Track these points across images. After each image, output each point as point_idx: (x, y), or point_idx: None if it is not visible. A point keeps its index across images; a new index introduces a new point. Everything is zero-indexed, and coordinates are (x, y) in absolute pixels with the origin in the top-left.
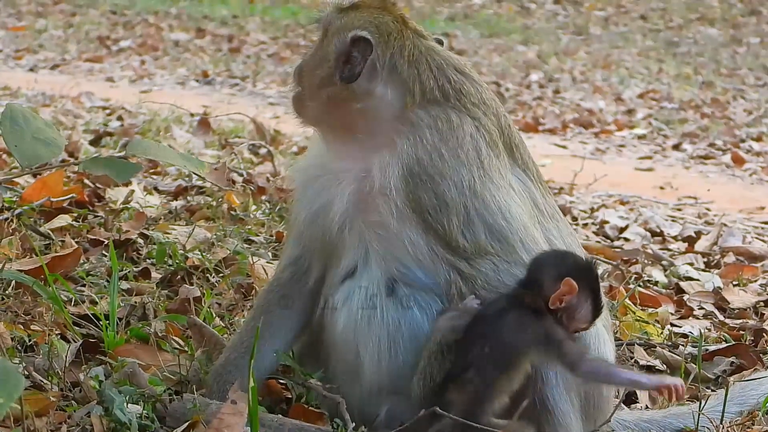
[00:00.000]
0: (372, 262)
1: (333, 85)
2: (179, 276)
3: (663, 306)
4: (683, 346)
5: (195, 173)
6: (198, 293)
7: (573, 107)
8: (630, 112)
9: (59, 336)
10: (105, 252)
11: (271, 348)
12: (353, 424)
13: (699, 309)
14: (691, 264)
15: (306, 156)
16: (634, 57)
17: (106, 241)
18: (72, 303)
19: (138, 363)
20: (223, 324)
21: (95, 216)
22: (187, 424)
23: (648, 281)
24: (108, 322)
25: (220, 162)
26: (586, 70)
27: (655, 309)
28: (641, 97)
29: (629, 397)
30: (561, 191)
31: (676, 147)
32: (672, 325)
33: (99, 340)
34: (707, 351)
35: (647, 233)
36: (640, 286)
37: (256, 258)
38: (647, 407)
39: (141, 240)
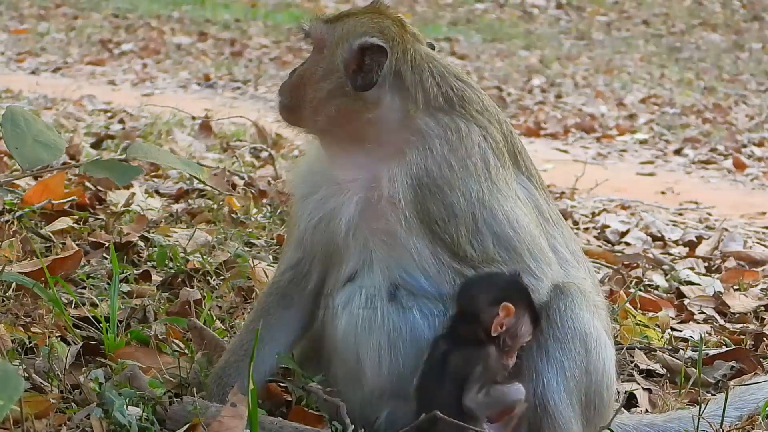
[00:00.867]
0: (375, 267)
1: (344, 96)
2: (180, 279)
3: (663, 310)
4: (683, 350)
5: (195, 178)
6: (198, 296)
7: (575, 112)
8: (632, 117)
9: (59, 338)
10: (106, 254)
11: (271, 351)
12: (353, 427)
13: (699, 313)
14: (692, 268)
15: (305, 161)
16: (636, 62)
17: (106, 244)
18: (72, 305)
19: (138, 365)
20: (224, 327)
21: (96, 219)
22: (187, 426)
23: (649, 285)
24: (108, 324)
25: (220, 166)
26: (588, 75)
27: (656, 313)
28: (643, 102)
29: (629, 402)
30: (562, 196)
31: (677, 152)
32: (672, 330)
33: (99, 342)
34: (707, 355)
35: (648, 238)
36: (640, 290)
37: (256, 261)
38: (647, 411)
39: (142, 243)
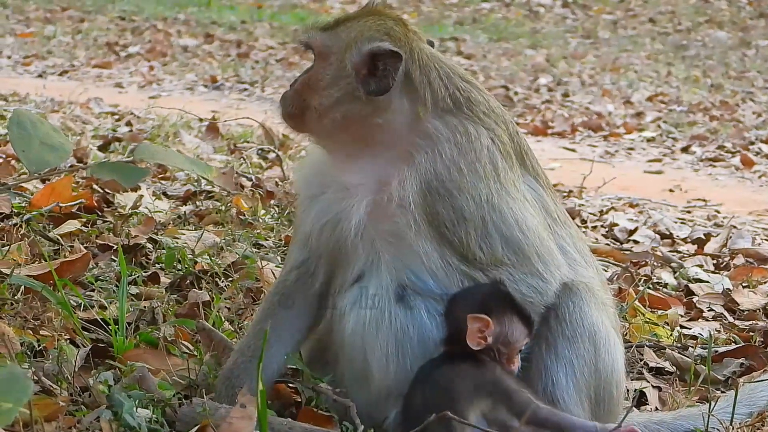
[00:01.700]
0: (382, 268)
1: (354, 101)
2: (188, 280)
3: (672, 308)
4: (693, 347)
5: (203, 177)
6: (207, 298)
7: (582, 110)
8: (639, 115)
9: (68, 341)
10: (114, 257)
11: (278, 351)
12: (363, 427)
13: (708, 311)
14: (701, 266)
15: (308, 163)
16: (642, 60)
17: (115, 246)
18: (81, 308)
19: (147, 367)
20: (233, 328)
21: (104, 221)
22: (197, 428)
23: (657, 283)
24: (117, 326)
25: (228, 167)
26: (594, 73)
27: (665, 311)
28: (650, 100)
29: (639, 399)
30: (570, 194)
31: (685, 150)
32: (681, 327)
33: (108, 344)
34: (717, 352)
35: (656, 236)
36: (649, 288)
37: (264, 262)
38: (657, 409)
39: (150, 245)
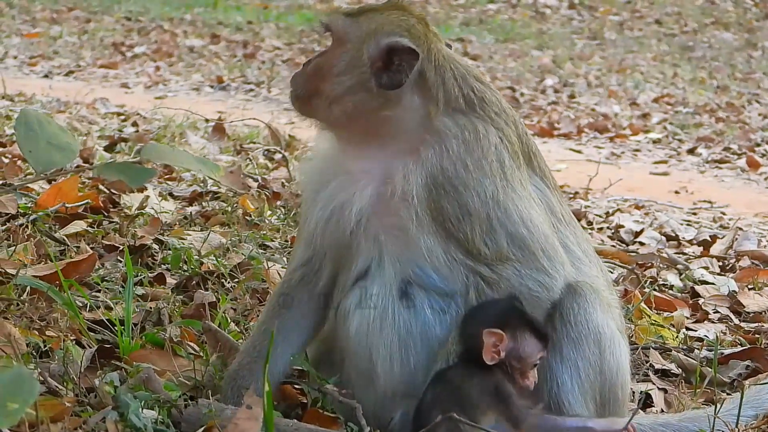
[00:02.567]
0: (386, 263)
1: (365, 92)
2: (194, 281)
3: (678, 310)
4: (698, 349)
5: (210, 177)
6: (213, 298)
7: (588, 112)
8: (645, 116)
9: (74, 341)
10: (120, 257)
11: (284, 351)
12: (369, 428)
13: (714, 313)
14: (707, 268)
15: (314, 156)
16: (648, 61)
17: (121, 247)
18: (87, 309)
19: (153, 368)
20: (239, 329)
21: (110, 222)
22: (203, 429)
23: (663, 285)
24: (123, 327)
25: (235, 166)
26: (601, 74)
27: (671, 313)
28: (656, 102)
29: (645, 401)
30: (576, 196)
31: (691, 151)
32: (687, 329)
33: (114, 345)
34: (722, 354)
35: (662, 237)
36: (655, 290)
37: (271, 263)
38: (662, 411)
39: (156, 245)
